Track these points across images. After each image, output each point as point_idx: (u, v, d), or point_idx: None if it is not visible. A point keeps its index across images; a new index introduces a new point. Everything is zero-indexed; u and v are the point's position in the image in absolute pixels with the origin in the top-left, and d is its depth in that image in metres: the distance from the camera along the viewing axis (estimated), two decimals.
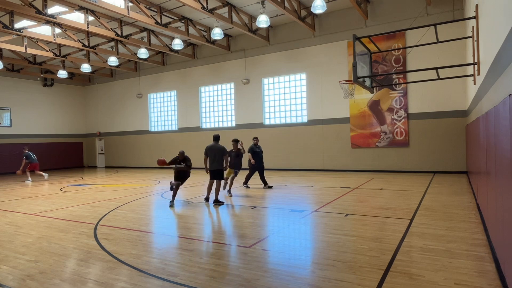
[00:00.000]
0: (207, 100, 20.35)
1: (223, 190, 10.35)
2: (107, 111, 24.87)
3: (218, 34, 14.79)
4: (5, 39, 15.21)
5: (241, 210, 8.17)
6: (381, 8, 14.89)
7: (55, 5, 13.22)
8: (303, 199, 9.10)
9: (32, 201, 10.18)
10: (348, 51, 15.45)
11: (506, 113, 3.06)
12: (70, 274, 4.25)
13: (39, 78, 23.09)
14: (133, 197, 10.32)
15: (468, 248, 4.69)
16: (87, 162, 26.30)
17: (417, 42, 11.15)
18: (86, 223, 6.97)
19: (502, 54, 3.61)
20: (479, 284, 3.58)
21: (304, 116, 17.22)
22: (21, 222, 7.25)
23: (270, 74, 17.94)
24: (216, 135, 9.36)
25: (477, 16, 6.77)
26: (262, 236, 5.86)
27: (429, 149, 14.15)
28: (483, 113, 5.47)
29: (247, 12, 15.49)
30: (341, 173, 15.12)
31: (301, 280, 3.88)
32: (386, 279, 3.78)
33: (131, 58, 19.32)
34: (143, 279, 3.99)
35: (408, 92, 14.56)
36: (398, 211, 7.20)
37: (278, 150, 17.44)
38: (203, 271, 4.19)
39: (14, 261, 4.77)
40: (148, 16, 13.73)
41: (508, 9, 3.22)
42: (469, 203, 7.79)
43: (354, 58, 7.49)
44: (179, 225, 7.12)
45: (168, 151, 21.72)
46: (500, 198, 3.64)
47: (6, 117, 21.28)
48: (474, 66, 7.23)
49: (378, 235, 5.50)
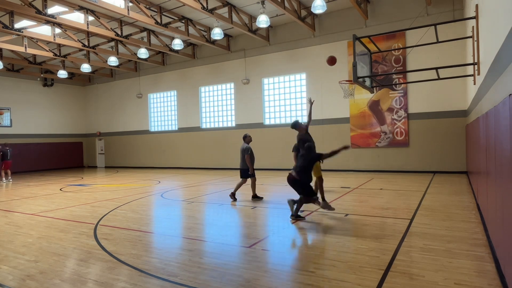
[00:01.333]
0: (207, 100, 20.34)
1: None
2: (107, 111, 24.87)
3: (218, 34, 14.80)
4: (5, 39, 15.21)
5: (241, 210, 8.18)
6: (381, 8, 14.89)
7: (55, 5, 13.22)
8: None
9: (32, 201, 10.18)
10: (348, 51, 15.45)
11: (506, 113, 3.06)
12: (70, 274, 4.25)
13: (39, 78, 23.09)
14: (133, 197, 10.32)
15: (468, 248, 4.68)
16: (87, 162, 26.31)
17: (417, 42, 11.14)
18: (86, 223, 6.97)
19: (502, 54, 3.61)
20: (479, 284, 3.58)
21: (304, 116, 17.21)
22: (21, 222, 7.25)
23: (270, 74, 17.94)
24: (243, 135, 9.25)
25: (477, 16, 6.76)
26: (262, 236, 5.86)
27: (429, 149, 14.15)
28: (483, 113, 5.47)
29: (247, 12, 15.49)
30: (341, 173, 15.12)
31: (301, 280, 3.88)
32: (386, 279, 3.78)
33: (131, 58, 19.32)
34: (143, 279, 3.99)
35: (408, 92, 14.57)
36: (398, 211, 7.20)
37: (278, 150, 17.44)
38: (203, 271, 4.19)
39: (14, 261, 4.77)
40: (148, 16, 13.73)
41: (508, 9, 3.22)
42: (469, 203, 7.79)
43: (354, 58, 7.49)
44: (179, 225, 7.12)
45: (168, 151, 21.76)
46: (500, 198, 3.64)
47: (6, 117, 21.28)
48: (474, 66, 7.23)
49: (378, 235, 5.50)
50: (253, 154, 9.13)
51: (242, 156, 9.08)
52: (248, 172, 9.05)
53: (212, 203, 9.14)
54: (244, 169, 9.11)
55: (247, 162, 8.96)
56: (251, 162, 9.03)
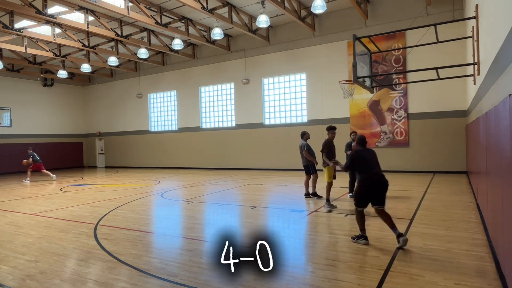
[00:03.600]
0: (207, 100, 20.34)
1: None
2: (107, 111, 24.87)
3: (218, 34, 14.79)
4: (5, 39, 15.20)
5: (241, 210, 8.17)
6: (381, 8, 14.89)
7: (55, 5, 13.21)
8: (303, 199, 9.09)
9: (32, 201, 10.18)
10: (348, 51, 15.45)
11: (506, 113, 3.06)
12: (70, 274, 4.25)
13: (39, 78, 23.09)
14: (133, 197, 10.32)
15: (468, 248, 4.69)
16: (87, 162, 26.31)
17: (417, 42, 11.14)
18: (86, 223, 6.97)
19: (502, 54, 3.61)
20: (479, 284, 3.58)
21: (304, 116, 17.21)
22: (21, 222, 7.25)
23: (270, 74, 17.94)
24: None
25: (477, 16, 6.76)
26: (262, 236, 5.85)
27: (429, 149, 14.15)
28: (483, 113, 5.47)
29: (247, 12, 15.48)
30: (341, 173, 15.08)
31: (301, 280, 3.88)
32: (386, 279, 3.78)
33: (131, 58, 19.32)
34: (143, 279, 3.99)
35: (408, 92, 14.56)
36: (398, 211, 7.19)
37: (278, 150, 17.44)
38: (203, 271, 4.19)
39: (14, 261, 4.77)
40: (148, 16, 13.73)
41: (508, 9, 3.22)
42: (469, 203, 7.79)
43: (354, 58, 7.49)
44: (179, 225, 7.12)
45: (168, 151, 21.75)
46: (500, 198, 3.64)
47: (6, 117, 21.28)
48: (474, 66, 7.23)
49: (378, 235, 5.50)
50: (311, 149, 9.24)
51: (301, 153, 9.21)
52: (310, 168, 9.05)
53: (212, 203, 9.14)
54: (305, 165, 9.14)
55: (307, 157, 8.99)
56: (312, 156, 9.07)
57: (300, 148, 9.22)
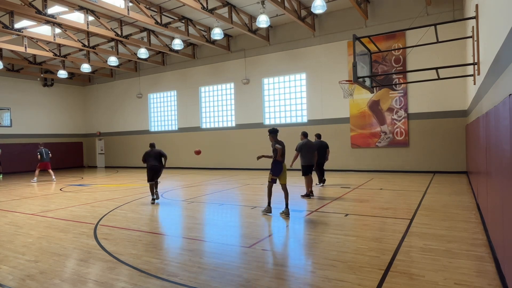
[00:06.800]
0: (207, 100, 20.34)
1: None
2: (107, 111, 24.87)
3: (218, 34, 14.80)
4: (5, 39, 15.21)
5: (241, 210, 8.18)
6: (381, 8, 14.89)
7: (55, 5, 13.22)
8: (303, 199, 9.09)
9: (32, 201, 10.18)
10: (348, 51, 15.45)
11: (506, 113, 3.06)
12: (70, 274, 4.25)
13: (39, 78, 23.09)
14: (133, 197, 10.32)
15: (468, 248, 4.69)
16: (87, 162, 26.30)
17: (417, 42, 11.14)
18: (86, 223, 6.97)
19: (502, 54, 3.61)
20: (479, 284, 3.58)
21: (304, 116, 17.21)
22: (21, 222, 7.25)
23: (270, 74, 17.94)
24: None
25: (477, 16, 6.76)
26: (262, 236, 5.85)
27: (429, 149, 14.15)
28: (483, 113, 5.47)
29: (247, 12, 15.48)
30: (341, 173, 15.12)
31: (301, 280, 3.88)
32: (386, 279, 3.78)
33: (131, 58, 19.32)
34: (143, 279, 3.99)
35: (408, 92, 14.57)
36: (398, 211, 7.20)
37: None
38: (203, 271, 4.19)
39: (14, 261, 4.77)
40: (148, 16, 13.73)
41: (508, 9, 3.22)
42: (469, 203, 7.79)
43: (354, 58, 7.49)
44: (179, 225, 7.12)
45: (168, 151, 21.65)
46: (500, 198, 3.64)
47: (6, 117, 21.27)
48: (474, 66, 7.23)
49: (378, 235, 5.50)
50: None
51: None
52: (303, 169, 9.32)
53: (212, 203, 9.14)
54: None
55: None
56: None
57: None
